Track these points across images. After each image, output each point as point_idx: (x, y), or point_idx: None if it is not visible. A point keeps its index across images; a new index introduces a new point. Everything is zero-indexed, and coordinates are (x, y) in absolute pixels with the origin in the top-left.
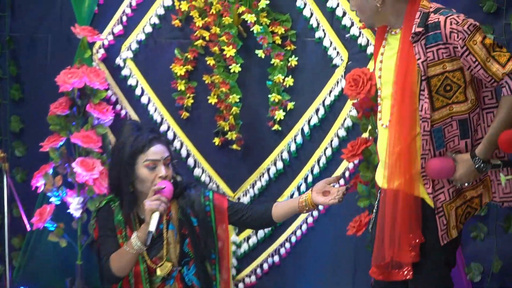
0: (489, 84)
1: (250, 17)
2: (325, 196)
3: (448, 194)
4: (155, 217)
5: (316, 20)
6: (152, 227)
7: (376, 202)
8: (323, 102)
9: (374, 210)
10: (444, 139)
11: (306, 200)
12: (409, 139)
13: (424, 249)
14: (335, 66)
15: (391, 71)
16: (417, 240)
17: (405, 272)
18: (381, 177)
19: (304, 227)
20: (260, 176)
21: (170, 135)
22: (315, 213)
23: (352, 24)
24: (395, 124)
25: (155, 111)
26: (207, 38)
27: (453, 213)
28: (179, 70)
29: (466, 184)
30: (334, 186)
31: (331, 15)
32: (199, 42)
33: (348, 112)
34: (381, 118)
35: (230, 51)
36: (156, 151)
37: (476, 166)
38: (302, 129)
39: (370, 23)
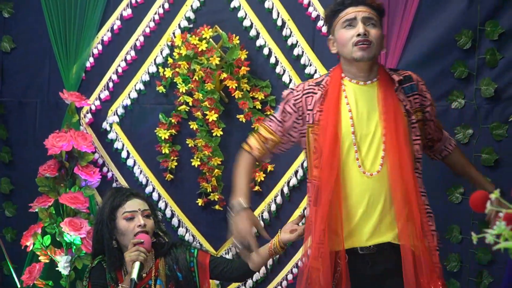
0: (434, 135)
1: (231, 83)
2: (292, 234)
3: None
4: (136, 266)
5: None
6: (134, 274)
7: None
8: (302, 164)
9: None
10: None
11: (275, 244)
12: (414, 186)
13: None
14: None
15: (372, 121)
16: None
17: None
18: (365, 234)
19: (284, 283)
20: None
21: (155, 196)
22: (295, 270)
23: None
24: (396, 173)
25: (141, 173)
26: (190, 103)
27: None
28: (163, 134)
29: None
30: (299, 224)
31: None
32: (183, 107)
33: None
34: (361, 166)
35: (212, 116)
36: (133, 203)
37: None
38: (282, 190)
39: (374, 55)
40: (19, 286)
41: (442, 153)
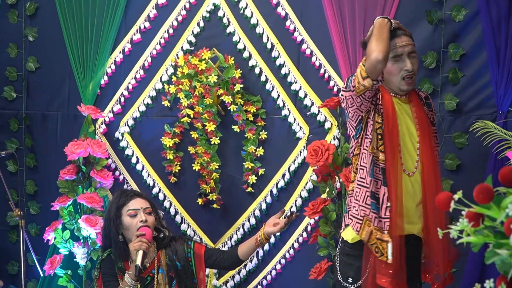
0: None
1: (227, 98)
2: (275, 227)
3: None
4: (140, 254)
5: (282, 100)
6: (138, 261)
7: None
8: (289, 168)
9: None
10: None
11: (260, 236)
12: (440, 185)
13: None
14: (298, 139)
15: (409, 128)
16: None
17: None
18: (414, 224)
19: (273, 272)
20: (236, 230)
21: (161, 196)
22: (283, 260)
23: (312, 104)
24: (432, 174)
25: (148, 176)
26: (191, 115)
27: None
28: (168, 142)
29: None
30: (281, 218)
31: (294, 96)
32: (185, 119)
33: (309, 177)
34: (404, 164)
35: (211, 127)
36: (136, 202)
37: None
38: (271, 191)
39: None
40: (41, 274)
41: None
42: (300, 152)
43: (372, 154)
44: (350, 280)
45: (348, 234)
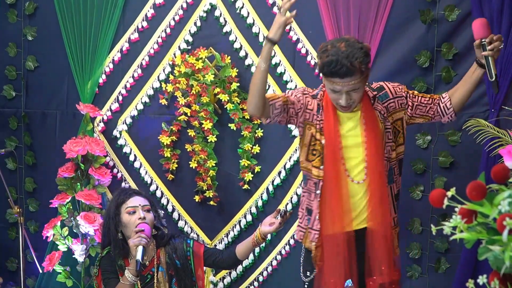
0: (430, 103)
1: (224, 97)
2: (271, 226)
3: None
4: (139, 249)
5: None
6: (138, 256)
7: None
8: (284, 166)
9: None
10: (393, 176)
11: (257, 235)
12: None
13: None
14: (294, 137)
15: (356, 138)
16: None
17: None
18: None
19: (269, 268)
20: (233, 227)
21: (158, 193)
22: (279, 257)
23: None
24: (375, 179)
25: (146, 174)
26: (188, 114)
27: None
28: (165, 140)
29: None
30: (277, 218)
31: None
32: (182, 117)
33: None
34: (349, 175)
35: (207, 125)
36: (135, 200)
37: None
38: (267, 189)
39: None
40: (40, 271)
41: (448, 107)
42: (296, 149)
43: (305, 168)
44: (308, 273)
45: None
